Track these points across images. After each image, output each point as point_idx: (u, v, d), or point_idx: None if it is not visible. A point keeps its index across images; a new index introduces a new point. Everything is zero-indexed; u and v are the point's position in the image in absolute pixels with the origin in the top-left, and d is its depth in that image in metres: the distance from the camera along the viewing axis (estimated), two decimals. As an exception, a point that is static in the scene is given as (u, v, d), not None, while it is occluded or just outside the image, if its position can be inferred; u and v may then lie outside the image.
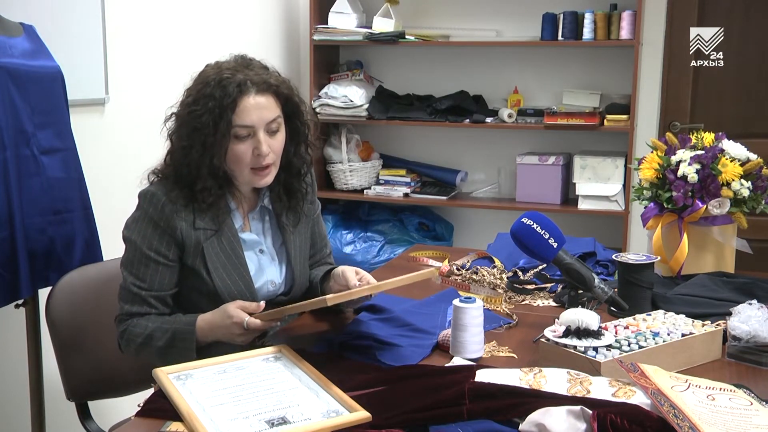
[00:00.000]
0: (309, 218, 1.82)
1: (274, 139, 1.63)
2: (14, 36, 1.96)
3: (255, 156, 1.61)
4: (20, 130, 1.91)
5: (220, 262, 1.64)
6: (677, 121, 3.67)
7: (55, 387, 1.98)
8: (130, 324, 1.62)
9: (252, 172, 1.63)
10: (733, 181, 1.89)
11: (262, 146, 1.60)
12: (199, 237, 1.63)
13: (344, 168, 3.88)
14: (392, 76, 4.07)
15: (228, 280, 1.64)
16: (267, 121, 1.60)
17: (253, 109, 1.59)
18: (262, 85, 1.60)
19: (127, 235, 1.65)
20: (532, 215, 1.66)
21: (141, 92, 2.78)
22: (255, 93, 1.59)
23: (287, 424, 1.15)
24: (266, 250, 1.73)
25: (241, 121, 1.58)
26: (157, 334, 1.59)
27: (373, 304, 1.75)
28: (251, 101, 1.59)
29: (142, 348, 1.61)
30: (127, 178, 2.70)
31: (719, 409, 1.16)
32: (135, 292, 1.62)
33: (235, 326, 1.55)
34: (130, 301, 1.63)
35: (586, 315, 1.38)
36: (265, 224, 1.75)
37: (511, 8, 3.82)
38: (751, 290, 1.78)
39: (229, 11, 3.38)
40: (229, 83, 1.58)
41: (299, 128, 1.71)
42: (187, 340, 1.57)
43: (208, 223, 1.64)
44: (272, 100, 1.62)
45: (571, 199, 3.72)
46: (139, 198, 1.67)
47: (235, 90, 1.57)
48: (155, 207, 1.62)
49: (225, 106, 1.56)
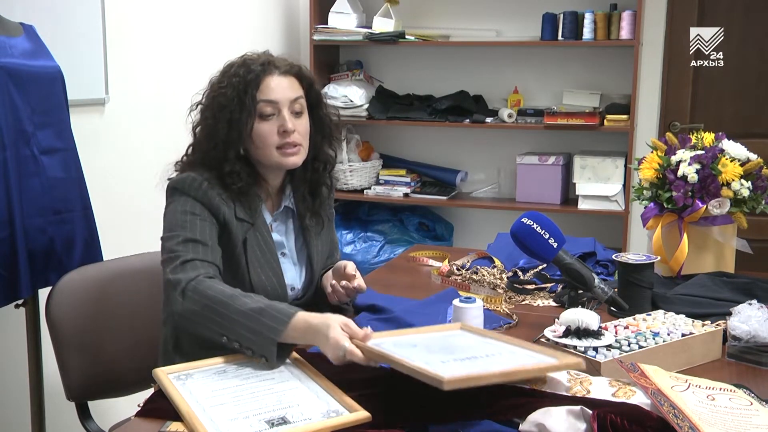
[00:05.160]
0: (330, 221, 1.84)
1: (299, 121, 1.65)
2: (14, 36, 1.96)
3: (281, 134, 1.62)
4: (20, 130, 1.91)
5: (256, 258, 1.64)
6: (677, 121, 3.67)
7: (55, 387, 1.98)
8: (198, 279, 1.45)
9: (279, 152, 1.64)
10: (733, 181, 1.89)
11: (288, 123, 1.62)
12: (241, 228, 1.62)
13: (344, 168, 3.88)
14: (392, 76, 4.07)
15: (263, 276, 1.64)
16: (291, 99, 1.63)
17: (277, 87, 1.63)
18: (285, 67, 1.65)
19: (168, 219, 1.58)
20: (532, 215, 1.66)
21: (141, 92, 2.78)
22: (278, 74, 1.64)
23: (287, 424, 1.15)
24: (288, 253, 1.74)
25: (266, 96, 1.61)
26: (242, 300, 1.40)
27: (374, 304, 1.75)
28: (275, 80, 1.63)
29: (209, 309, 1.41)
30: (127, 178, 2.73)
31: (719, 409, 1.16)
32: (191, 238, 1.52)
33: (332, 347, 1.30)
34: (186, 248, 1.50)
35: (586, 315, 1.38)
36: (288, 226, 1.76)
37: (511, 8, 3.82)
38: (751, 290, 1.77)
39: (229, 11, 3.38)
40: (253, 62, 1.64)
41: (324, 119, 1.73)
42: (279, 320, 1.34)
43: (246, 215, 1.64)
44: (295, 82, 1.66)
45: (571, 199, 3.72)
46: (173, 185, 1.62)
47: (258, 68, 1.62)
48: (196, 189, 1.59)
49: (249, 81, 1.61)
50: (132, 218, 2.70)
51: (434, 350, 1.25)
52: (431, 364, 1.15)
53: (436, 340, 1.32)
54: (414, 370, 1.12)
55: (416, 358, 1.18)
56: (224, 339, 1.40)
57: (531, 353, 1.24)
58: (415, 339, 1.32)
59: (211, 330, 1.41)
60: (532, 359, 1.21)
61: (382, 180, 3.95)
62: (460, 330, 1.41)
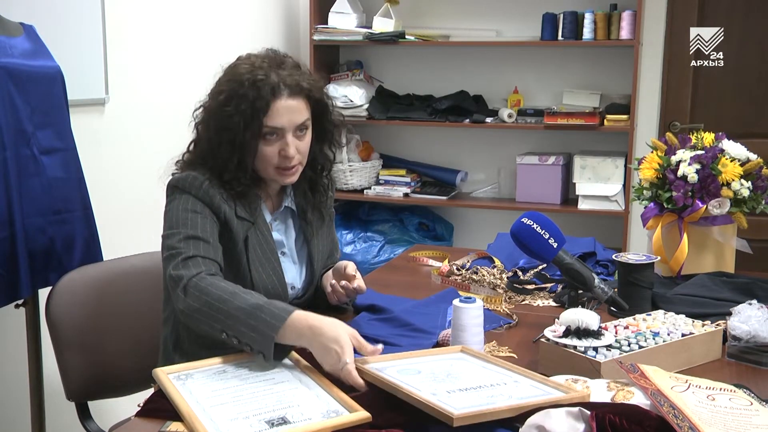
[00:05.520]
0: (331, 220, 1.84)
1: (302, 141, 1.64)
2: (14, 36, 1.96)
3: (282, 157, 1.61)
4: (20, 130, 1.91)
5: (257, 256, 1.64)
6: (677, 121, 3.67)
7: (55, 387, 1.98)
8: (200, 275, 1.46)
9: (277, 171, 1.64)
10: (733, 181, 1.89)
11: (290, 149, 1.60)
12: (241, 227, 1.62)
13: (344, 168, 3.88)
14: (392, 76, 4.07)
15: (264, 274, 1.65)
16: (296, 124, 1.61)
17: (285, 112, 1.59)
18: (295, 88, 1.60)
19: (168, 216, 1.59)
20: (532, 215, 1.66)
21: (141, 92, 2.78)
22: (287, 96, 1.59)
23: (287, 424, 1.15)
24: (288, 252, 1.74)
25: (272, 123, 1.58)
26: (243, 296, 1.41)
27: (374, 304, 1.75)
28: (283, 104, 1.58)
29: (209, 305, 1.41)
30: (127, 178, 2.72)
31: (719, 410, 1.16)
32: (192, 235, 1.52)
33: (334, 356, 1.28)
34: (187, 246, 1.51)
35: (586, 315, 1.38)
36: (288, 225, 1.76)
37: (511, 8, 3.82)
38: (751, 290, 1.77)
39: (229, 11, 3.38)
40: (264, 85, 1.57)
41: (327, 128, 1.72)
42: (278, 317, 1.34)
43: (247, 214, 1.64)
44: (303, 103, 1.62)
45: (571, 199, 3.72)
46: (174, 184, 1.62)
47: (268, 93, 1.56)
48: (198, 188, 1.59)
49: (258, 109, 1.56)
50: (132, 218, 2.70)
51: (439, 378, 1.25)
52: (438, 395, 1.17)
53: (439, 366, 1.32)
54: (423, 404, 1.14)
55: (423, 387, 1.20)
56: (224, 335, 1.40)
57: (534, 383, 1.25)
58: (419, 365, 1.33)
59: (212, 326, 1.42)
60: (537, 391, 1.21)
61: (382, 180, 3.95)
62: (461, 353, 1.41)
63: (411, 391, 1.17)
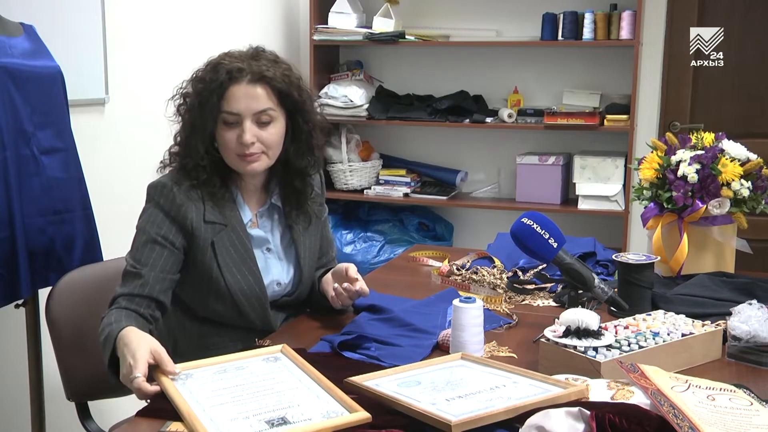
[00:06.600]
0: (320, 219, 1.83)
1: (265, 131, 1.63)
2: (14, 36, 1.96)
3: (239, 143, 1.62)
4: (20, 130, 1.91)
5: (230, 258, 1.64)
6: (677, 121, 3.67)
7: (55, 387, 1.98)
8: (110, 311, 1.53)
9: (238, 158, 1.64)
10: (733, 181, 1.89)
11: (245, 135, 1.60)
12: (210, 231, 1.63)
13: (344, 168, 3.88)
14: (392, 76, 4.07)
15: (238, 275, 1.65)
16: (254, 111, 1.61)
17: (242, 98, 1.60)
18: (256, 75, 1.61)
19: (137, 225, 1.66)
20: (532, 215, 1.66)
21: (141, 92, 2.78)
22: (247, 82, 1.61)
23: (287, 425, 1.15)
24: (273, 249, 1.74)
25: (229, 108, 1.61)
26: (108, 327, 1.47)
27: (374, 304, 1.75)
28: (241, 89, 1.60)
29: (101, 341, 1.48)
30: (127, 178, 2.72)
31: (719, 410, 1.16)
32: (131, 271, 1.58)
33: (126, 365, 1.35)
34: (123, 282, 1.58)
35: (586, 315, 1.38)
36: (274, 222, 1.76)
37: (511, 8, 3.82)
38: (751, 290, 1.77)
39: (229, 11, 3.38)
40: (222, 68, 1.61)
41: (301, 126, 1.70)
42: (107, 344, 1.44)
43: (218, 217, 1.64)
44: (265, 91, 1.62)
45: (571, 199, 3.72)
46: (148, 190, 1.67)
47: (225, 76, 1.60)
48: (165, 197, 1.63)
49: (212, 90, 1.60)
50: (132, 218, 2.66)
51: (439, 387, 1.25)
52: (437, 404, 1.17)
53: (439, 375, 1.32)
54: (420, 414, 1.14)
55: (422, 398, 1.20)
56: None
57: (534, 382, 1.24)
58: (419, 375, 1.33)
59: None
60: (536, 389, 1.21)
61: (382, 180, 3.95)
62: (461, 360, 1.41)
63: (409, 403, 1.18)
